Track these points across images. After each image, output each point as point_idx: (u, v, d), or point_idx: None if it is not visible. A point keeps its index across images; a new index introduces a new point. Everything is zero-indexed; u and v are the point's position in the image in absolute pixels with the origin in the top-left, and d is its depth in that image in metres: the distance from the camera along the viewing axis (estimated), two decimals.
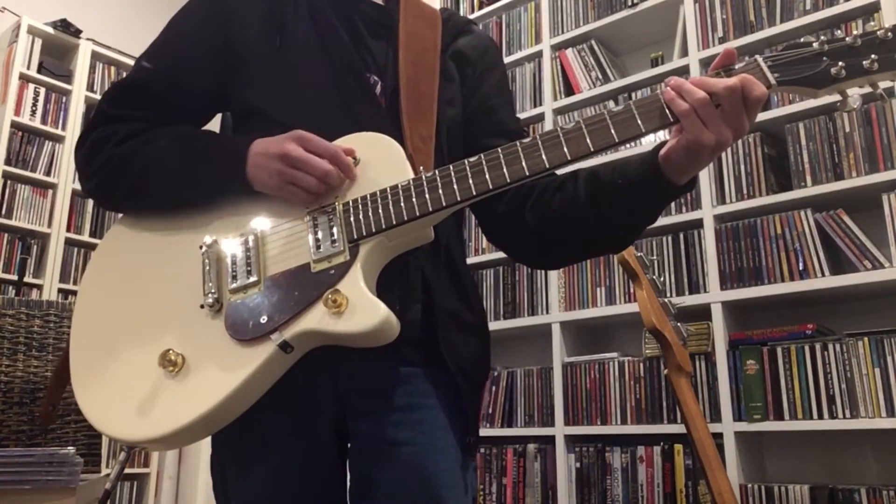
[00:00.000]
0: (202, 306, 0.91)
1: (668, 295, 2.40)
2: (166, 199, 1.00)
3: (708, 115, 0.83)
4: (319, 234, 0.90)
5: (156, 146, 0.99)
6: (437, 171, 0.90)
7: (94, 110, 1.07)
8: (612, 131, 0.85)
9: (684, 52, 2.61)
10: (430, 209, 0.88)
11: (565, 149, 0.86)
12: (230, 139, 1.04)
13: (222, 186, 0.96)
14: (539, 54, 3.00)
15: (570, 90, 2.90)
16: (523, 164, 0.87)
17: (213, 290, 0.91)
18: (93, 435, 1.77)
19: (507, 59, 3.08)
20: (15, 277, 3.37)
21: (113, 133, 1.01)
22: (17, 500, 1.23)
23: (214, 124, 1.11)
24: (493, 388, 2.79)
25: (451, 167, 0.90)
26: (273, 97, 1.02)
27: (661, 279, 2.45)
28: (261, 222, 0.95)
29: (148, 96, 1.04)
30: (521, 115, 2.96)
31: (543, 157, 0.87)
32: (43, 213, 3.71)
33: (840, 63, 0.84)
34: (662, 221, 2.44)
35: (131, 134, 1.01)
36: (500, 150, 0.89)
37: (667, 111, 0.85)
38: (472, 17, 3.28)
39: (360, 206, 0.90)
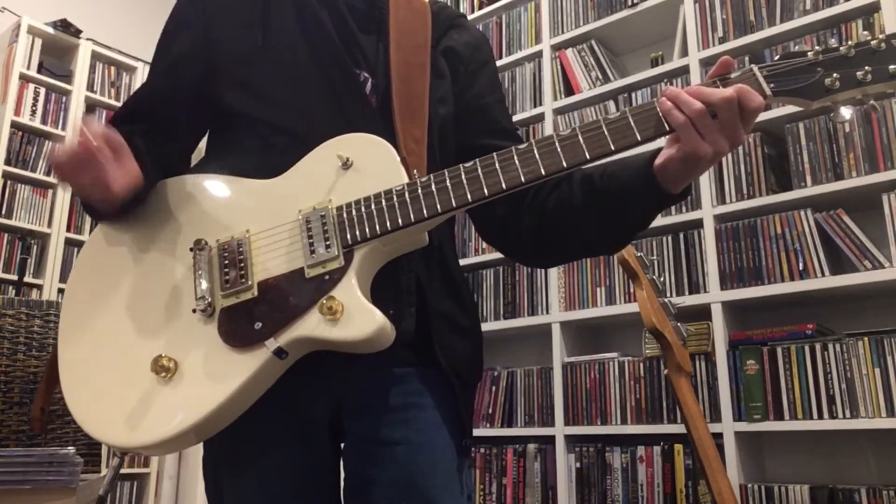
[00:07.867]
0: (194, 311, 0.90)
1: (668, 295, 2.40)
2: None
3: (705, 126, 0.82)
4: (313, 238, 0.89)
5: None
6: (431, 176, 0.89)
7: None
8: (609, 139, 0.84)
9: (684, 52, 2.61)
10: (426, 215, 0.87)
11: (561, 156, 0.85)
12: None
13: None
14: (539, 54, 3.00)
15: (570, 90, 2.90)
16: (519, 171, 0.86)
17: (204, 295, 0.89)
18: None
19: (506, 60, 3.08)
20: (15, 277, 3.38)
21: None
22: (17, 500, 1.23)
23: None
24: (493, 388, 2.79)
25: (447, 172, 0.88)
26: (257, 97, 1.00)
27: (661, 279, 2.45)
28: (251, 223, 0.93)
29: (145, 107, 1.06)
30: (521, 116, 2.96)
31: (540, 164, 0.86)
32: (43, 213, 3.71)
33: (834, 74, 0.83)
34: (662, 221, 2.44)
35: None
36: (495, 156, 0.87)
37: (663, 120, 0.84)
38: (471, 17, 3.27)
39: (353, 211, 0.89)
